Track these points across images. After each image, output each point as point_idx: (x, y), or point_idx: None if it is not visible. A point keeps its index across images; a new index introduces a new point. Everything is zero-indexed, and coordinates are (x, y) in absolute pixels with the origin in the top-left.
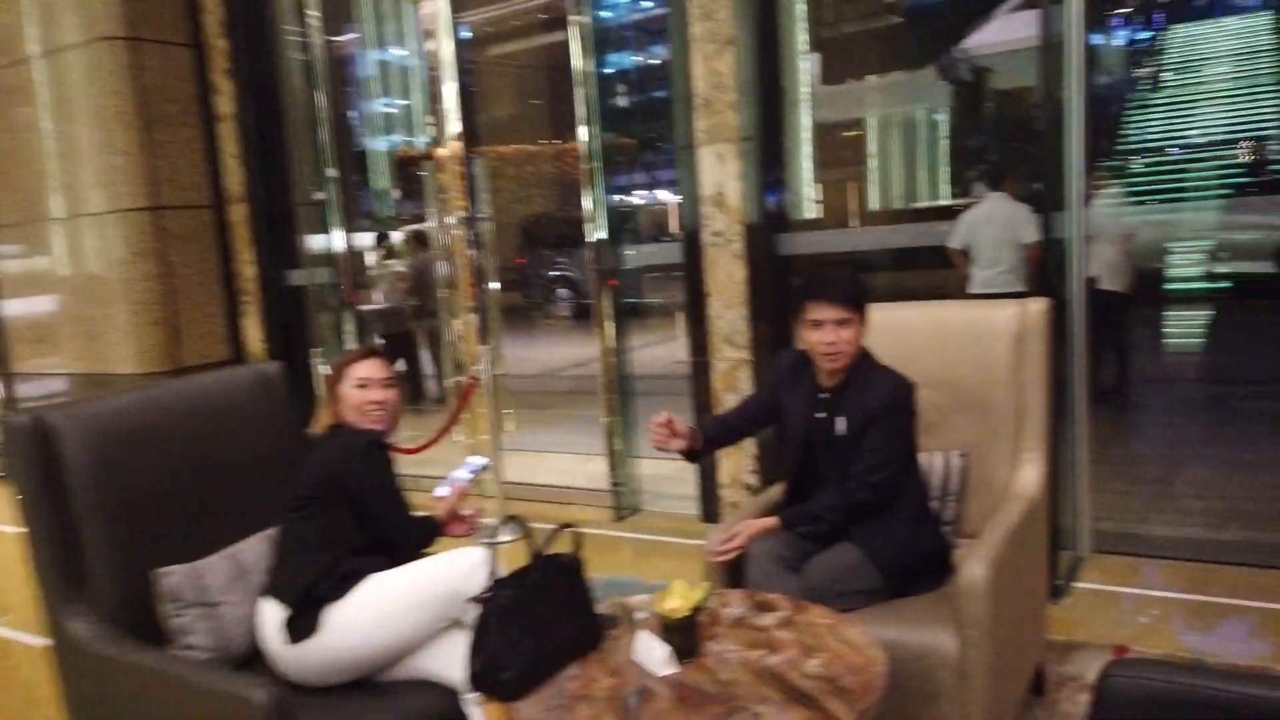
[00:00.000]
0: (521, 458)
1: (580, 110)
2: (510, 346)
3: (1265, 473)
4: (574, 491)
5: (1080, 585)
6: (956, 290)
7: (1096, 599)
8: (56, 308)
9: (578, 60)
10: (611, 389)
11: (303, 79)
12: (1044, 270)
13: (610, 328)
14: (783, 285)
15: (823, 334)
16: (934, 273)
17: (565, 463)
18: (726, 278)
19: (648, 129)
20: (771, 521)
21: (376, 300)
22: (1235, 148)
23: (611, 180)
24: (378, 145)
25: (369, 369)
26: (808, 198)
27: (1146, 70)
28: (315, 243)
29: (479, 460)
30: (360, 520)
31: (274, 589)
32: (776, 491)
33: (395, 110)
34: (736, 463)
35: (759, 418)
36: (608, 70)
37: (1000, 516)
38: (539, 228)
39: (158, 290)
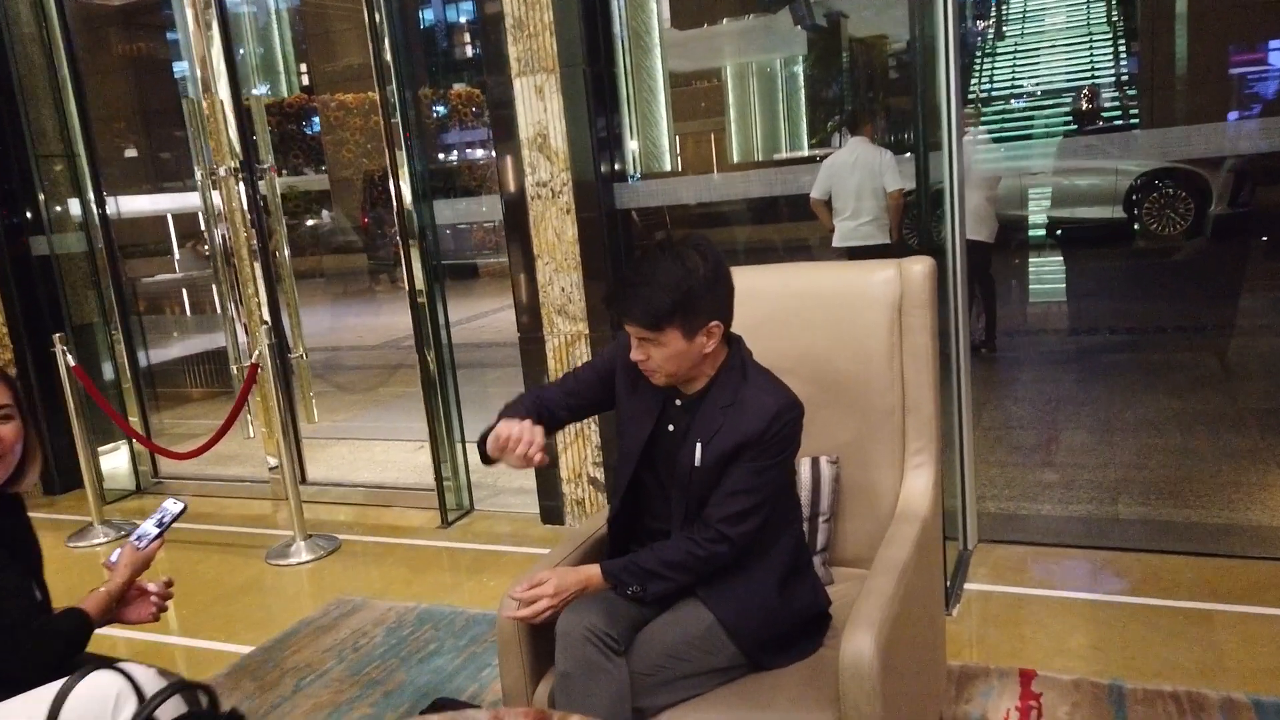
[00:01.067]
0: (339, 450)
1: (380, 61)
2: (350, 315)
3: (1147, 434)
4: (393, 492)
5: (970, 588)
6: (821, 247)
7: (989, 605)
8: None
9: (373, 12)
10: (432, 361)
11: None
12: (918, 221)
13: (421, 292)
14: (624, 244)
15: (635, 349)
16: (797, 225)
17: (392, 452)
18: (555, 237)
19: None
20: (590, 574)
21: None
22: (1072, 95)
23: (461, 132)
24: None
25: None
26: (665, 150)
27: (991, 20)
28: (73, 206)
29: (174, 506)
30: None
31: None
32: (599, 521)
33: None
34: (578, 452)
35: (586, 402)
36: (447, 18)
37: (888, 554)
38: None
39: None
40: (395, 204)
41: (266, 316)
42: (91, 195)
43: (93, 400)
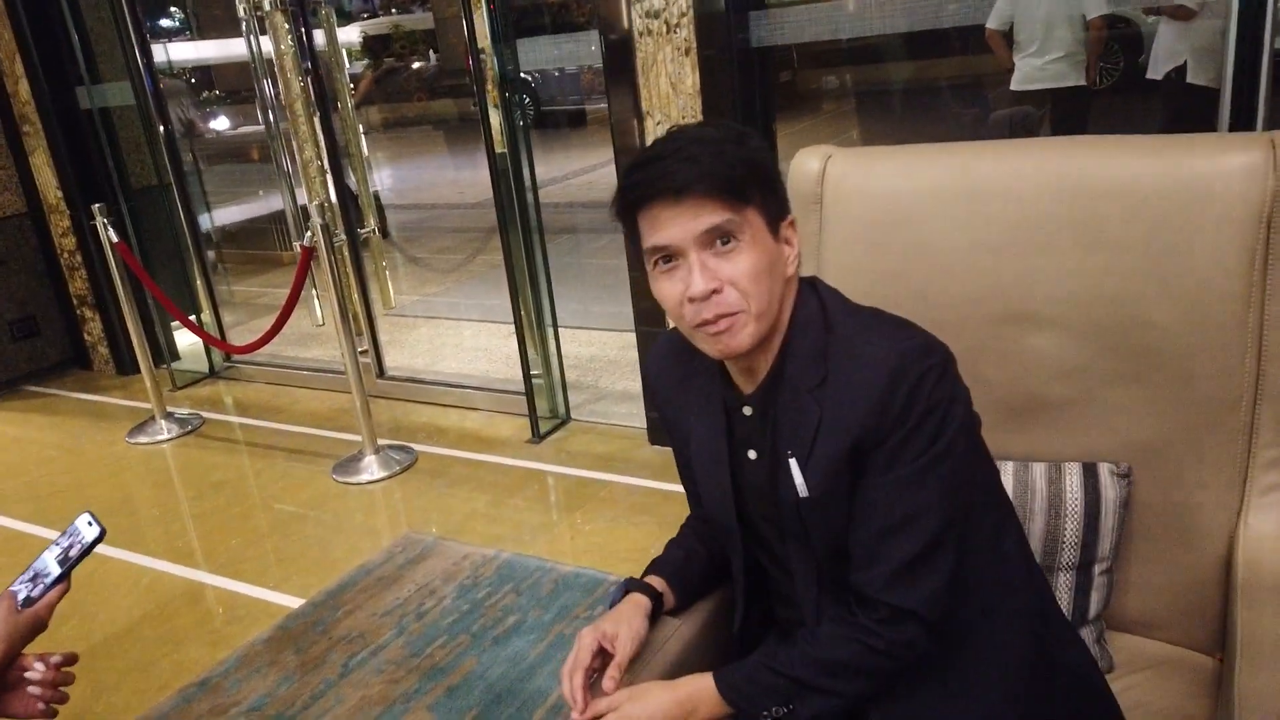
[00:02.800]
0: (424, 332)
1: None
2: (451, 168)
3: None
4: (480, 394)
5: None
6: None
7: None
8: None
9: None
10: (513, 229)
11: None
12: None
13: (502, 155)
14: (760, 96)
15: (688, 282)
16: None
17: (484, 338)
18: (671, 86)
19: None
20: (696, 692)
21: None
22: None
23: None
24: None
25: None
26: None
27: None
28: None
29: (87, 529)
30: None
31: None
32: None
33: None
34: None
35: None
36: None
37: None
38: None
39: None
40: (469, 45)
41: (331, 185)
42: (136, 45)
43: (166, 273)
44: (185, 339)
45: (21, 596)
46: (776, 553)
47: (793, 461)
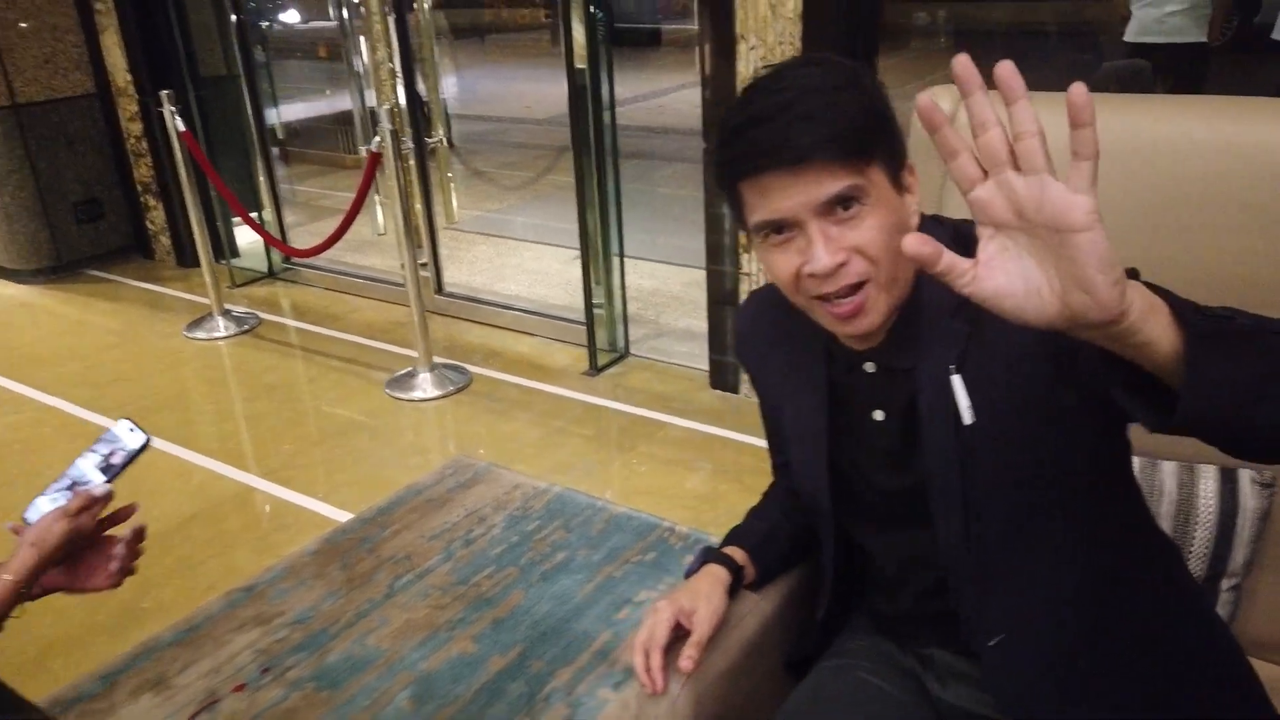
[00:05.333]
0: (483, 250)
1: None
2: (520, 80)
3: None
4: (538, 319)
5: None
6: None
7: None
8: None
9: None
10: (588, 150)
11: None
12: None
13: (582, 70)
14: (867, 24)
15: (807, 255)
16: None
17: (545, 260)
18: (770, 9)
19: None
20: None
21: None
22: None
23: None
24: None
25: None
26: None
27: None
28: None
29: (131, 437)
30: None
31: None
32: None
33: None
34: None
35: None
36: None
37: None
38: None
39: None
40: None
41: (400, 90)
42: None
43: (229, 167)
44: (245, 236)
45: (48, 507)
46: (880, 538)
47: (957, 379)
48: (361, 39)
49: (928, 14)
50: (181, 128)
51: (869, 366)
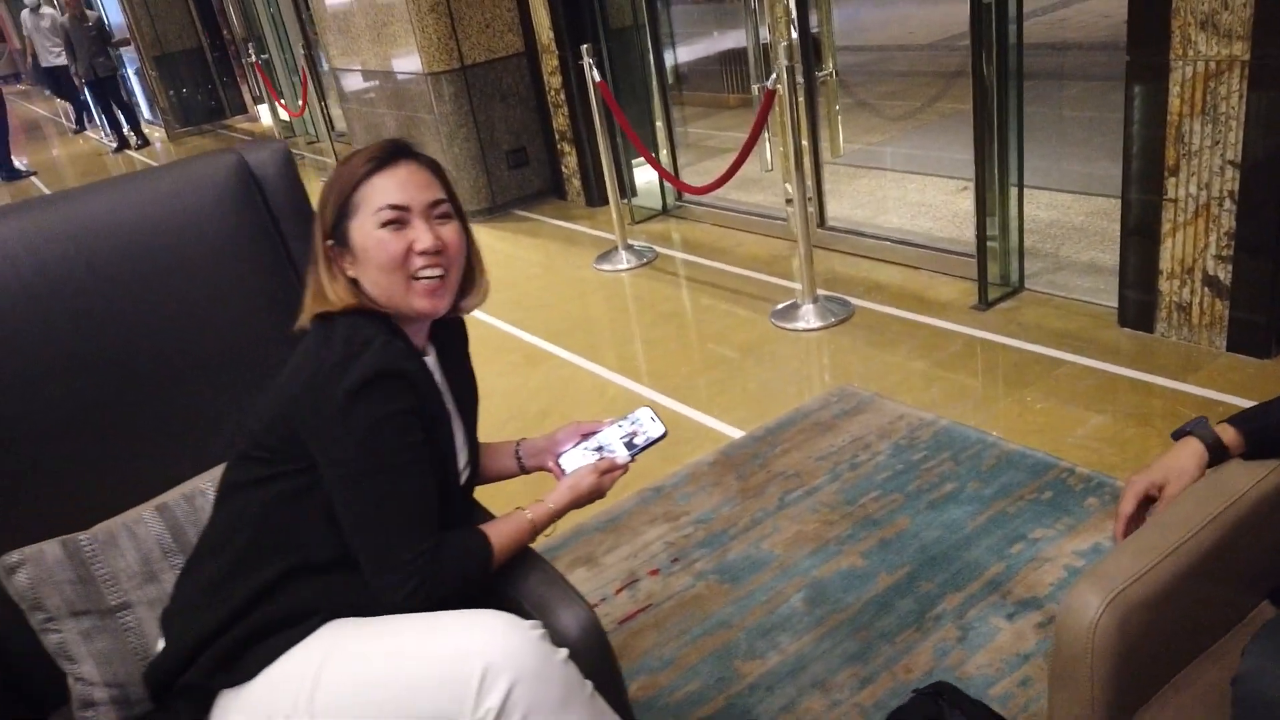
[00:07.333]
0: (865, 184)
1: None
2: (900, 4)
3: None
4: (923, 252)
5: None
6: None
7: None
8: None
9: None
10: (989, 72)
11: None
12: None
13: None
14: None
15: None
16: None
17: (929, 192)
18: None
19: None
20: None
21: None
22: None
23: None
24: None
25: (402, 183)
26: None
27: None
28: None
29: (653, 426)
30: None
31: (166, 616)
32: None
33: None
34: (1193, 237)
35: None
36: None
37: None
38: None
39: None
40: None
41: (794, 25)
42: None
43: (631, 113)
44: (640, 177)
45: (599, 459)
46: None
47: None
48: None
49: None
50: (598, 78)
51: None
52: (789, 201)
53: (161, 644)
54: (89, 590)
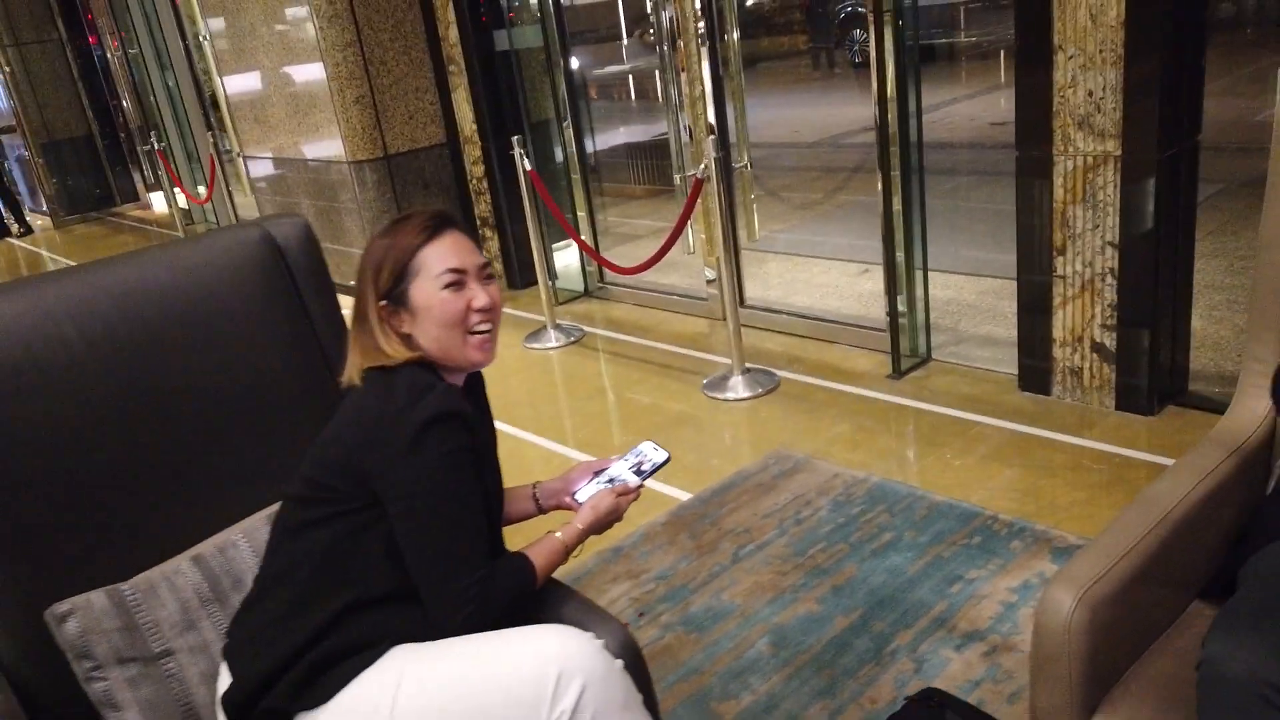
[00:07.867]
0: (773, 267)
1: None
2: (785, 106)
3: None
4: (835, 326)
5: None
6: None
7: None
8: (266, 85)
9: None
10: (894, 163)
11: None
12: None
13: (890, 73)
14: (1188, 36)
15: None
16: None
17: (833, 275)
18: (1090, 18)
19: None
20: None
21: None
22: None
23: None
24: None
25: (456, 249)
26: None
27: None
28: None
29: (655, 453)
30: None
31: (231, 649)
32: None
33: None
34: (1081, 309)
35: None
36: None
37: None
38: None
39: (355, 61)
40: None
41: (713, 120)
42: None
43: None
44: (560, 260)
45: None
46: None
47: None
48: (681, 72)
49: (1233, 3)
50: (529, 167)
51: None
52: (710, 282)
53: (226, 676)
54: (134, 638)
